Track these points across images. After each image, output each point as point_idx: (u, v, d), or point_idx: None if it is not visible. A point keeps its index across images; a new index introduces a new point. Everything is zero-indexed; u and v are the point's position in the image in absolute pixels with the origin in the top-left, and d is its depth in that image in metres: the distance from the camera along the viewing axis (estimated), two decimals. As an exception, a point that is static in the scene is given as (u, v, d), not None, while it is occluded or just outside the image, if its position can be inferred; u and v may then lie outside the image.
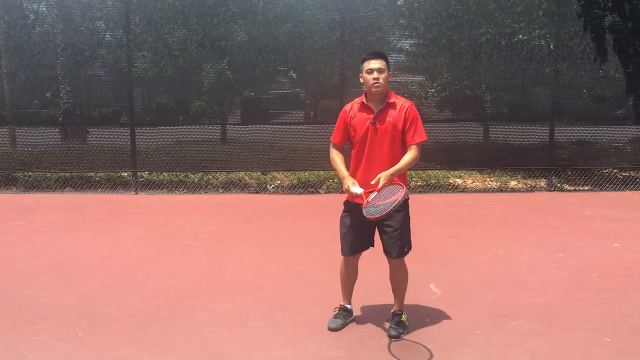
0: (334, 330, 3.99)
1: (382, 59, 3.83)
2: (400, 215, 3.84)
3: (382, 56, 3.86)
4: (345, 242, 3.98)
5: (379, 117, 3.84)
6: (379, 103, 3.86)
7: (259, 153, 10.04)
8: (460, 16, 9.54)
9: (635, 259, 5.63)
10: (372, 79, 3.78)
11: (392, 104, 3.84)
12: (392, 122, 3.81)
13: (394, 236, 3.85)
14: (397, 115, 3.81)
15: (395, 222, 3.84)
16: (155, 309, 4.37)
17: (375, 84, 3.78)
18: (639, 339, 3.84)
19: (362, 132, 3.85)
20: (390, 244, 3.88)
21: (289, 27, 9.93)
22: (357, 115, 3.89)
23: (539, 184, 9.78)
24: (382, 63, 3.80)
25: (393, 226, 3.84)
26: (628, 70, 9.70)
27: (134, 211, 8.08)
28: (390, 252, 3.90)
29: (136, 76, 9.83)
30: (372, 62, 3.80)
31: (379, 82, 3.78)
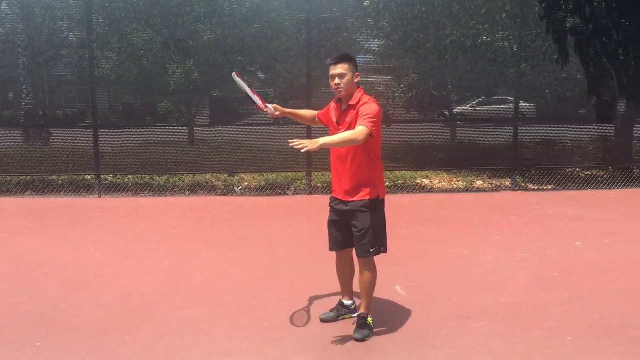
0: (321, 321, 4.14)
1: (344, 62, 3.84)
2: (363, 215, 3.85)
3: (344, 59, 3.86)
4: (329, 238, 4.10)
5: (340, 118, 3.91)
6: (345, 104, 3.93)
7: (227, 154, 9.95)
8: (425, 18, 9.59)
9: (595, 258, 5.73)
10: (334, 85, 3.86)
11: (353, 106, 3.86)
12: (349, 122, 3.84)
13: (359, 236, 3.87)
14: (353, 116, 3.83)
15: (358, 223, 3.86)
16: (116, 316, 4.29)
17: (337, 89, 3.86)
18: (599, 337, 3.91)
19: (331, 130, 4.02)
20: (356, 243, 3.92)
21: (255, 28, 9.86)
22: (331, 111, 4.04)
23: (504, 183, 9.91)
24: (344, 67, 3.83)
25: (357, 226, 3.87)
26: (589, 71, 9.89)
27: (97, 215, 7.93)
28: (356, 250, 3.95)
29: (99, 77, 9.65)
30: (332, 68, 3.86)
31: (341, 88, 3.84)
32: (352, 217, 3.88)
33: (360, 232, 3.86)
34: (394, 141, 9.89)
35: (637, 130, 10.47)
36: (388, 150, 9.61)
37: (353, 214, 3.87)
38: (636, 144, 10.54)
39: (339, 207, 3.95)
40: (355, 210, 3.85)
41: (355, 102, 3.86)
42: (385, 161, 3.82)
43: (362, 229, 3.85)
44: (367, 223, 3.85)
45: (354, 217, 3.86)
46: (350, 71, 3.85)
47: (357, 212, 3.85)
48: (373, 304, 4.09)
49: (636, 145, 10.54)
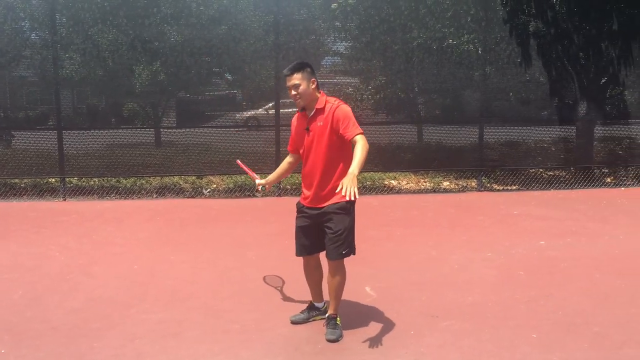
0: (292, 323, 4.16)
1: (297, 72, 3.86)
2: (339, 217, 3.87)
3: (296, 69, 3.86)
4: (296, 243, 4.11)
5: (310, 124, 3.92)
6: (311, 110, 3.93)
7: (195, 156, 9.88)
8: (392, 20, 9.70)
9: (559, 257, 5.88)
10: (292, 96, 3.92)
11: (321, 110, 3.89)
12: (322, 127, 3.87)
13: (333, 238, 3.88)
14: (326, 119, 3.86)
15: (333, 225, 3.87)
16: (82, 321, 4.21)
17: (296, 99, 3.92)
18: (563, 334, 4.01)
19: (300, 139, 3.99)
20: (328, 245, 3.92)
21: (223, 30, 9.81)
22: (296, 123, 4.07)
23: (470, 184, 10.08)
24: (297, 77, 3.85)
25: (332, 228, 3.88)
26: (551, 74, 10.14)
27: (61, 219, 7.77)
28: (328, 253, 3.94)
29: (63, 78, 9.46)
30: (287, 80, 3.90)
31: (298, 98, 3.90)
32: (327, 219, 3.89)
33: (335, 234, 3.87)
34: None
35: (598, 132, 10.77)
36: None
37: (328, 216, 3.88)
38: (597, 145, 10.84)
39: (311, 212, 3.95)
40: (331, 212, 3.87)
41: (322, 105, 3.89)
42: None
43: (337, 231, 3.87)
44: (342, 225, 3.88)
45: (329, 219, 3.88)
46: (305, 79, 3.86)
47: (333, 214, 3.86)
48: (343, 304, 4.13)
49: (596, 146, 10.84)
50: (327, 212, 3.88)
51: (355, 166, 3.58)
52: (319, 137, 3.87)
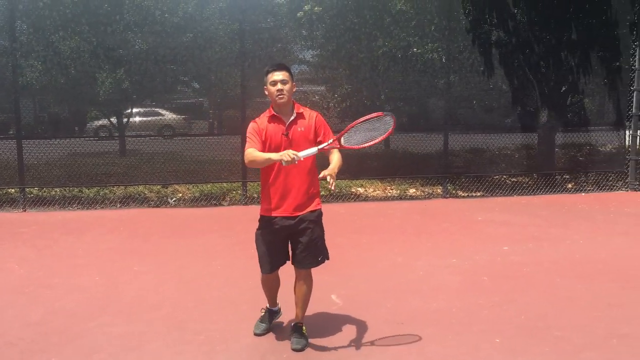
0: (257, 336, 4.07)
1: (285, 70, 3.85)
2: (315, 225, 3.87)
3: (285, 68, 3.87)
4: (265, 261, 3.94)
5: (290, 128, 3.85)
6: (288, 114, 3.88)
7: (160, 165, 9.75)
8: (358, 29, 9.77)
9: (522, 262, 5.97)
10: (277, 91, 3.80)
11: (301, 114, 3.89)
12: (304, 132, 3.85)
13: (309, 247, 3.86)
14: (308, 125, 3.87)
15: (311, 233, 3.86)
16: (41, 335, 4.10)
17: (280, 95, 3.80)
18: (525, 339, 4.06)
19: (275, 144, 3.83)
20: (303, 255, 3.87)
21: (188, 38, 9.73)
22: (268, 127, 3.86)
23: (436, 191, 10.18)
24: (285, 74, 3.82)
25: (310, 237, 3.85)
26: (513, 83, 10.34)
27: (21, 230, 7.57)
28: (301, 262, 3.90)
29: (23, 86, 9.25)
30: (275, 74, 3.81)
31: (283, 94, 3.80)
32: (303, 228, 3.84)
33: (313, 242, 3.86)
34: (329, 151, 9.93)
35: (559, 139, 11.01)
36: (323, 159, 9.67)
37: (304, 225, 3.84)
38: (558, 152, 11.08)
39: (283, 223, 3.84)
40: (308, 221, 3.84)
41: (301, 110, 3.90)
42: (320, 170, 3.84)
43: (315, 239, 3.87)
44: (318, 233, 3.90)
45: (306, 228, 3.84)
46: (291, 80, 3.87)
47: (310, 222, 3.85)
48: (309, 313, 4.11)
49: (558, 153, 11.08)
50: (304, 220, 3.83)
51: (336, 165, 3.80)
52: (300, 143, 3.81)
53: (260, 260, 3.97)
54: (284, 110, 3.86)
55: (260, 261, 3.97)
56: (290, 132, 3.83)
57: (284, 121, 3.85)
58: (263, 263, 3.96)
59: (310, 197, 3.86)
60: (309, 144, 3.85)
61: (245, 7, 9.55)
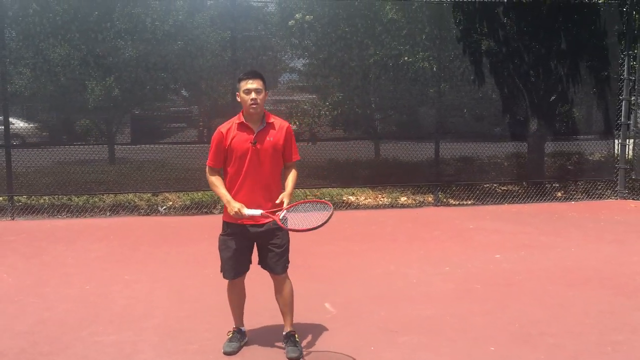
0: (229, 354, 3.92)
1: (260, 79, 3.81)
2: (283, 232, 3.87)
3: (259, 76, 3.83)
4: (229, 266, 3.94)
5: (259, 137, 3.82)
6: (258, 123, 3.85)
7: (150, 173, 9.68)
8: (349, 38, 9.80)
9: (514, 269, 5.99)
10: (250, 100, 3.76)
11: (271, 124, 3.87)
12: (273, 142, 3.83)
13: (279, 253, 3.87)
14: (277, 135, 3.85)
15: (280, 240, 3.87)
16: (30, 345, 4.04)
17: (253, 104, 3.76)
18: (519, 346, 4.07)
19: (242, 152, 3.80)
20: (274, 261, 3.88)
21: (179, 45, 9.71)
22: (236, 135, 3.82)
23: (427, 199, 10.20)
24: (260, 83, 3.79)
25: (278, 243, 3.87)
26: (503, 91, 10.41)
27: (9, 239, 7.48)
28: (274, 268, 3.90)
29: (12, 93, 9.18)
30: (250, 83, 3.77)
31: (257, 103, 3.76)
32: (271, 236, 3.85)
33: (281, 249, 3.88)
34: (320, 159, 9.96)
35: (548, 147, 11.08)
36: (314, 167, 9.70)
37: (272, 233, 3.84)
38: (547, 160, 11.14)
39: (251, 230, 3.84)
40: (275, 229, 3.83)
41: (272, 120, 3.88)
42: (311, 179, 3.87)
43: (282, 245, 3.89)
44: (285, 239, 3.92)
45: (274, 235, 3.85)
46: (264, 89, 3.84)
47: (277, 230, 3.84)
48: (302, 321, 4.09)
49: (547, 161, 11.14)
50: (272, 229, 3.83)
51: (291, 188, 3.87)
52: (267, 152, 3.81)
53: (224, 265, 3.97)
54: (254, 119, 3.84)
55: (224, 267, 3.97)
56: (259, 142, 3.80)
57: (253, 130, 3.82)
58: (227, 268, 3.96)
59: (275, 207, 3.78)
60: (277, 155, 3.86)
61: (236, 15, 9.56)
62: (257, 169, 3.80)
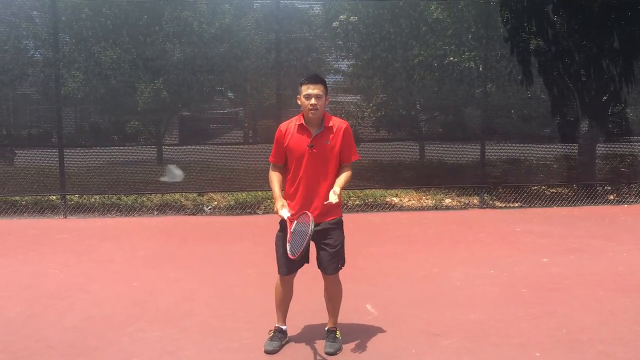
0: (270, 353, 3.93)
1: (321, 84, 3.83)
2: (336, 232, 3.89)
3: (321, 81, 3.84)
4: (282, 262, 3.94)
5: (316, 141, 3.83)
6: (316, 126, 3.87)
7: (196, 174, 9.86)
8: (393, 38, 9.74)
9: (562, 274, 5.82)
10: (310, 105, 3.78)
11: (329, 128, 3.87)
12: (330, 145, 3.84)
13: (332, 253, 3.88)
14: (334, 138, 3.85)
15: (333, 240, 3.89)
16: (79, 339, 4.16)
17: (312, 110, 3.79)
18: (566, 352, 3.95)
19: (299, 154, 3.85)
20: (327, 261, 3.90)
21: (225, 48, 9.86)
22: (293, 136, 3.87)
23: (472, 201, 10.03)
24: (320, 89, 3.80)
25: (331, 243, 3.88)
26: (553, 92, 10.14)
27: (61, 236, 7.74)
28: (326, 268, 3.92)
29: (65, 96, 9.51)
30: (311, 88, 3.79)
31: (317, 109, 3.79)
32: (325, 235, 3.87)
33: (335, 249, 3.89)
34: (363, 160, 9.93)
35: (600, 149, 10.74)
36: (358, 169, 9.65)
37: (326, 233, 3.87)
38: (599, 162, 10.80)
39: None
40: (329, 228, 3.87)
41: (330, 124, 3.87)
42: (355, 180, 3.86)
43: (336, 246, 3.90)
44: (339, 240, 3.93)
45: (328, 235, 3.87)
46: (325, 94, 3.85)
47: (331, 230, 3.88)
48: (343, 322, 4.08)
49: (599, 163, 10.80)
50: (326, 228, 3.86)
51: (342, 183, 3.82)
52: (325, 155, 3.83)
53: (278, 261, 3.98)
54: (313, 122, 3.86)
55: (278, 262, 3.98)
56: (315, 145, 3.82)
57: (311, 133, 3.85)
58: (280, 264, 3.97)
59: (332, 206, 3.81)
60: (334, 158, 3.86)
61: (281, 17, 9.63)
62: (313, 172, 3.83)
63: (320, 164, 3.83)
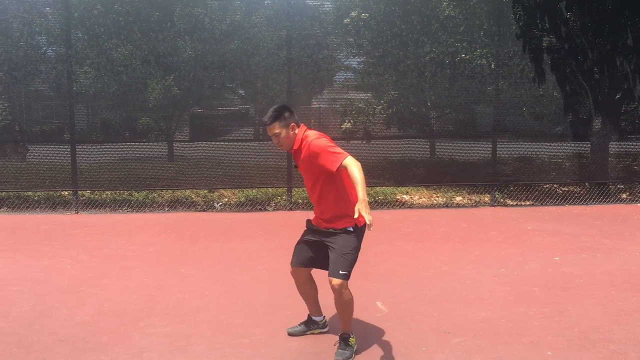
0: (290, 335, 4.13)
1: (274, 122, 3.81)
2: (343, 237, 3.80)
3: (274, 120, 3.81)
4: (294, 252, 4.07)
5: (296, 160, 4.00)
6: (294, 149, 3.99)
7: (206, 170, 9.90)
8: (405, 35, 9.71)
9: (574, 273, 5.78)
10: (275, 143, 3.92)
11: (298, 150, 3.90)
12: (304, 164, 3.89)
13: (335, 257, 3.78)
14: (304, 157, 3.86)
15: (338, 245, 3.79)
16: (90, 334, 4.19)
17: (279, 146, 3.93)
18: (578, 351, 3.91)
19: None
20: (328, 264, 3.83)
21: (236, 44, 9.88)
22: None
23: (483, 199, 9.98)
24: (275, 127, 3.82)
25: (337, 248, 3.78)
26: (565, 89, 10.06)
27: (73, 232, 7.80)
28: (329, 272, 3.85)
29: (78, 92, 9.57)
30: (268, 129, 3.88)
31: (281, 144, 3.90)
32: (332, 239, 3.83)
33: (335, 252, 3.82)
34: (374, 157, 9.93)
35: (613, 147, 10.65)
36: (368, 166, 9.65)
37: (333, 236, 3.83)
38: (612, 161, 10.71)
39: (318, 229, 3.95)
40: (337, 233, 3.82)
41: (298, 145, 3.90)
42: (365, 177, 3.71)
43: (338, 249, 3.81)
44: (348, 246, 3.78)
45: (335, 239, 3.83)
46: (283, 127, 3.83)
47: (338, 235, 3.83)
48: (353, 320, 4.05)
49: (612, 162, 10.71)
50: (334, 232, 3.83)
51: (361, 191, 3.49)
52: (306, 173, 3.93)
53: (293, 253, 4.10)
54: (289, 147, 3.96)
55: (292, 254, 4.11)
56: (298, 164, 3.96)
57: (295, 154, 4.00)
58: (292, 254, 4.09)
59: (335, 216, 3.84)
60: (316, 174, 3.82)
61: (292, 14, 9.62)
62: (312, 187, 3.93)
63: (309, 179, 3.94)
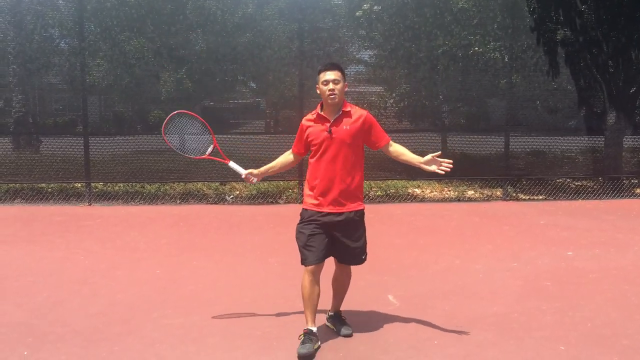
0: (305, 357, 3.63)
1: (338, 70, 3.85)
2: (360, 224, 3.92)
3: (337, 67, 3.86)
4: (307, 251, 3.78)
5: (334, 126, 3.84)
6: (334, 112, 3.87)
7: (218, 163, 9.85)
8: (417, 28, 9.66)
9: (587, 267, 5.74)
10: (328, 90, 3.79)
11: (347, 113, 3.86)
12: (349, 130, 3.82)
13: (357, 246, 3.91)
14: (354, 123, 3.84)
15: (358, 234, 3.91)
16: (103, 325, 4.22)
17: (331, 95, 3.79)
18: (591, 346, 3.89)
19: (319, 141, 3.85)
20: (351, 255, 3.93)
21: (247, 37, 9.87)
22: (313, 126, 3.90)
23: (495, 193, 9.93)
24: (337, 74, 3.82)
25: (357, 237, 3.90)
26: (579, 83, 9.97)
27: (86, 223, 7.86)
28: (349, 261, 3.97)
29: (91, 84, 9.61)
30: (328, 74, 3.81)
31: (335, 94, 3.79)
32: (349, 227, 3.85)
33: (360, 242, 3.92)
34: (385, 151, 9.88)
35: (627, 142, 10.54)
36: (380, 160, 9.63)
37: (350, 224, 3.85)
38: (626, 155, 10.61)
39: (327, 218, 3.81)
40: (353, 219, 3.85)
41: (348, 108, 3.87)
42: (377, 171, 3.82)
43: (360, 238, 3.93)
44: (364, 232, 3.96)
45: (353, 227, 3.86)
46: (343, 80, 3.85)
47: (355, 222, 3.87)
48: (365, 313, 4.08)
49: (626, 156, 10.61)
50: (349, 218, 3.83)
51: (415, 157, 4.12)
52: (344, 140, 3.81)
53: (303, 253, 3.80)
54: (331, 109, 3.86)
55: (303, 254, 3.80)
56: (334, 130, 3.82)
57: (329, 120, 3.85)
58: (306, 255, 3.78)
59: (354, 194, 3.84)
60: (355, 143, 3.85)
61: (304, 6, 9.59)
62: (332, 158, 3.81)
63: (340, 149, 3.81)
